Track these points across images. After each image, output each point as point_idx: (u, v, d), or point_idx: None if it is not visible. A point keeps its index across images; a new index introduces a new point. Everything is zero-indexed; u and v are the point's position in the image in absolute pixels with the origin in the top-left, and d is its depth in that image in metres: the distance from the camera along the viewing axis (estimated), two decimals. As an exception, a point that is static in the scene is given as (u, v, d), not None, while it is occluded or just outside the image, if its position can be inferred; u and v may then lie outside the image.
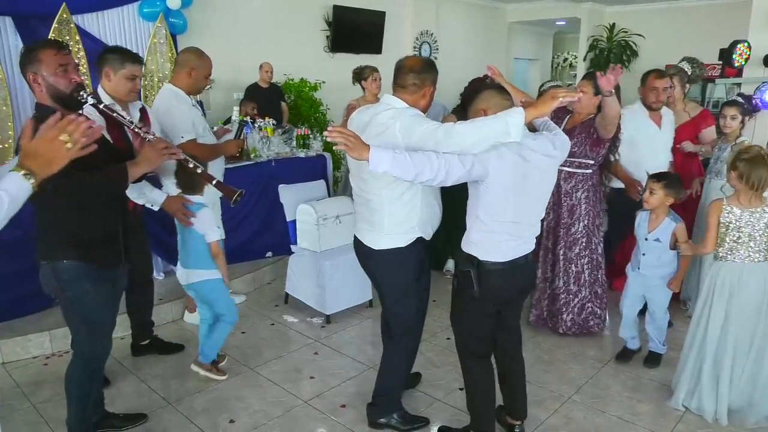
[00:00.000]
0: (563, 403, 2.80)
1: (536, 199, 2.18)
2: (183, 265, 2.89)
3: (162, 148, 2.25)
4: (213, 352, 2.98)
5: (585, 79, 3.39)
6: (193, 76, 3.15)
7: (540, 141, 2.12)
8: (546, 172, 2.16)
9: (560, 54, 13.36)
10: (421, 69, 2.22)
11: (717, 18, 8.19)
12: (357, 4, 7.87)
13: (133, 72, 2.72)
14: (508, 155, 2.02)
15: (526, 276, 2.29)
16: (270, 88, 6.56)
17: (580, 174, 3.34)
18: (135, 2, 5.73)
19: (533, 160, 2.07)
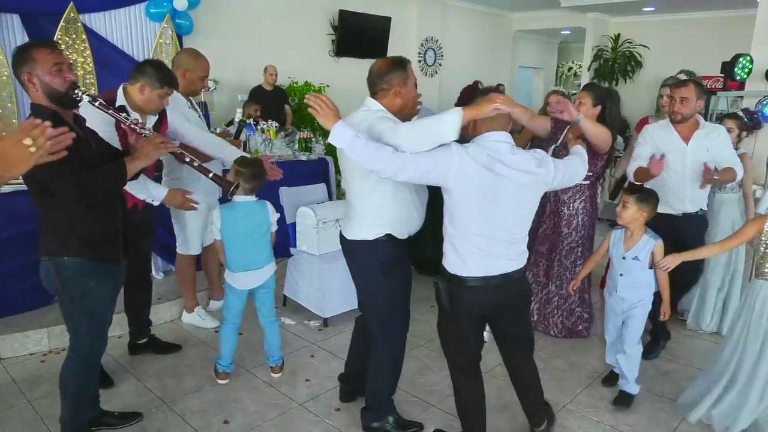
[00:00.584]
0: (558, 411, 2.80)
1: (510, 215, 2.08)
2: (254, 265, 2.87)
3: (159, 142, 2.26)
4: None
5: (584, 90, 3.44)
6: (188, 77, 3.18)
7: (520, 156, 2.06)
8: (523, 189, 2.06)
9: (565, 63, 13.40)
10: (385, 71, 2.25)
11: (721, 31, 8.21)
12: (363, 9, 7.92)
13: (167, 93, 2.75)
14: (472, 165, 1.97)
15: (505, 294, 2.18)
16: (274, 91, 6.59)
17: (577, 185, 3.35)
18: (142, 2, 5.79)
19: (505, 174, 2.00)
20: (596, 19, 9.90)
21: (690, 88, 3.19)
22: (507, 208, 2.05)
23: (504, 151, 2.03)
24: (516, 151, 2.06)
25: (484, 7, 10.04)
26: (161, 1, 5.72)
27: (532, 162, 2.07)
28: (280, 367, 3.07)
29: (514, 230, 2.11)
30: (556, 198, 3.44)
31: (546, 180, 2.12)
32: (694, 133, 3.25)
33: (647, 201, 2.72)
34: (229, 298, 2.93)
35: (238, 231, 2.81)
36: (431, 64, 9.24)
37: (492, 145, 2.03)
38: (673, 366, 3.32)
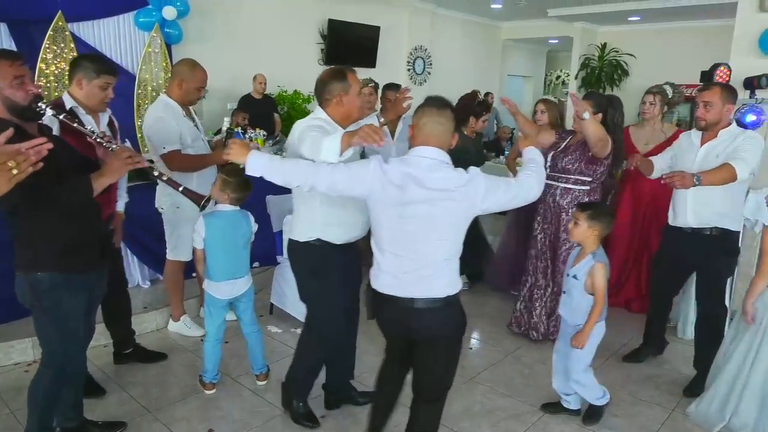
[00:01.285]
0: (540, 417, 2.82)
1: (422, 236, 1.93)
2: (237, 274, 2.88)
3: (126, 157, 2.16)
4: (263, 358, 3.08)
5: (585, 98, 3.44)
6: (184, 87, 3.20)
7: (442, 174, 1.92)
8: (438, 209, 1.91)
9: (553, 71, 13.53)
10: (326, 82, 2.34)
11: (705, 40, 8.33)
12: (352, 18, 7.98)
13: (107, 82, 2.68)
14: (385, 182, 1.92)
15: (410, 322, 2.01)
16: (263, 100, 6.62)
17: (576, 190, 3.40)
18: (131, 12, 5.79)
19: (418, 193, 1.89)
20: (583, 29, 10.02)
21: (714, 91, 2.84)
22: (418, 229, 1.92)
23: (424, 168, 1.92)
24: (440, 169, 1.92)
25: (473, 17, 10.14)
26: (150, 10, 5.74)
27: (455, 181, 1.91)
28: (265, 374, 3.07)
29: (426, 252, 1.95)
30: (556, 204, 3.45)
31: (470, 201, 1.92)
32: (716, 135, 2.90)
33: (598, 218, 2.56)
34: (211, 309, 2.91)
35: (222, 240, 2.81)
36: (420, 72, 9.31)
37: (415, 160, 1.94)
38: (657, 371, 3.35)
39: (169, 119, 3.14)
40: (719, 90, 2.86)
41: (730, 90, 2.90)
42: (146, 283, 4.12)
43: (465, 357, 3.47)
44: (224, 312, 2.94)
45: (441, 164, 1.94)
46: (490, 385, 3.13)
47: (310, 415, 2.70)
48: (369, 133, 1.93)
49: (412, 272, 1.96)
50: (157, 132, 3.14)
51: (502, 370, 3.31)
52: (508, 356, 3.49)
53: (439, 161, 1.94)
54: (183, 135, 3.19)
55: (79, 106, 2.69)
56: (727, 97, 2.84)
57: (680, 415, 2.88)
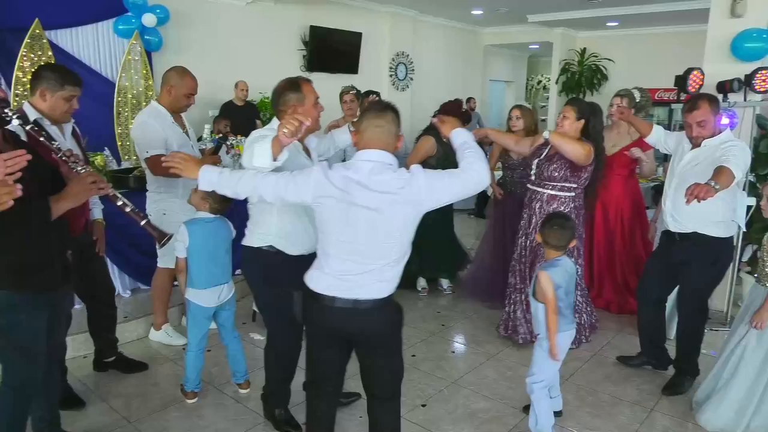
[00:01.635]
0: (522, 419, 2.85)
1: (365, 238, 1.92)
2: (222, 280, 2.88)
3: (90, 182, 2.06)
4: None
5: (568, 104, 3.49)
6: (173, 94, 3.23)
7: (385, 177, 1.90)
8: (383, 212, 1.89)
9: (534, 76, 13.69)
10: (279, 94, 2.36)
11: (680, 45, 8.46)
12: (334, 24, 8.01)
13: (71, 94, 2.62)
14: (328, 187, 1.92)
15: (355, 323, 1.99)
16: (245, 107, 6.62)
17: (562, 197, 3.46)
18: (110, 19, 5.77)
19: (360, 197, 1.89)
20: (563, 34, 10.15)
21: (705, 109, 2.79)
22: (363, 232, 1.91)
23: (366, 172, 1.90)
24: (381, 172, 1.91)
25: (455, 23, 10.22)
26: (129, 18, 5.72)
27: (397, 183, 1.89)
28: (247, 383, 3.06)
29: (373, 254, 1.94)
30: (543, 210, 3.49)
31: (414, 200, 1.91)
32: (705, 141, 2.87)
33: (546, 229, 2.59)
34: (195, 319, 2.88)
35: (205, 247, 2.80)
36: (402, 78, 9.36)
37: (357, 165, 1.93)
38: (635, 371, 3.39)
39: (154, 124, 3.17)
40: (707, 104, 2.81)
41: (715, 100, 2.89)
42: (127, 292, 4.08)
43: (447, 361, 3.50)
44: (209, 322, 2.92)
45: (383, 167, 1.92)
46: (472, 388, 3.15)
47: (292, 421, 2.70)
48: (287, 121, 1.96)
49: (355, 275, 1.95)
50: (142, 136, 3.18)
51: (484, 373, 3.34)
52: (491, 359, 3.52)
53: (381, 164, 1.92)
54: (169, 141, 3.21)
55: (44, 117, 2.62)
56: (715, 108, 2.85)
57: (659, 414, 2.93)
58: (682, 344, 3.13)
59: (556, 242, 2.56)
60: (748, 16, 4.01)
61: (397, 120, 2.00)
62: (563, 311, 2.55)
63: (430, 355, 3.54)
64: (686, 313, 3.10)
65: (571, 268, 2.62)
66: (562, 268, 2.56)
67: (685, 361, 3.13)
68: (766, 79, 3.80)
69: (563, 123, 3.41)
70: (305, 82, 2.37)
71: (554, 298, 2.48)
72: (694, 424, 2.83)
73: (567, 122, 3.39)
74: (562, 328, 2.54)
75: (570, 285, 2.59)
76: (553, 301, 2.49)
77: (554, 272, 2.52)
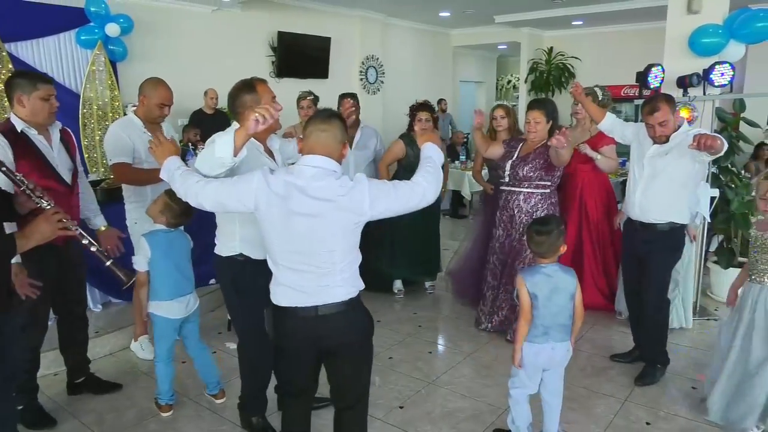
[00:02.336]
0: (499, 415, 2.87)
1: (308, 245, 1.90)
2: (187, 290, 2.87)
3: (57, 220, 1.96)
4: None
5: (536, 109, 3.55)
6: (146, 104, 3.25)
7: (325, 183, 1.88)
8: (324, 218, 1.88)
9: (504, 76, 13.85)
10: (234, 96, 2.37)
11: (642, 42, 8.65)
12: (302, 29, 7.99)
13: (47, 92, 2.62)
14: (269, 194, 1.89)
15: (317, 330, 1.96)
16: (215, 114, 6.56)
17: (539, 194, 3.56)
18: (72, 30, 5.66)
19: (300, 203, 1.87)
20: (530, 34, 10.29)
21: (664, 110, 2.88)
22: (306, 238, 1.90)
23: (308, 177, 1.88)
24: (323, 178, 1.89)
25: (423, 25, 10.29)
26: (92, 28, 5.62)
27: (338, 190, 1.88)
28: (222, 391, 3.04)
29: (317, 262, 1.92)
30: (519, 209, 3.58)
31: (356, 208, 1.89)
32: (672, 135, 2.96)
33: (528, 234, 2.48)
34: (162, 331, 2.84)
35: (169, 257, 2.78)
36: (373, 81, 9.38)
37: (299, 170, 1.91)
38: (609, 363, 3.45)
39: (121, 133, 3.18)
40: (666, 105, 2.90)
41: (671, 98, 2.98)
42: (98, 306, 4.01)
43: (425, 361, 3.51)
44: (176, 333, 2.89)
45: (325, 173, 1.90)
46: (449, 388, 3.17)
47: (269, 429, 2.69)
48: (260, 108, 1.96)
49: (308, 282, 1.93)
50: (109, 144, 3.22)
51: (461, 372, 3.36)
52: (467, 358, 3.54)
53: (323, 170, 1.90)
54: (137, 150, 3.21)
55: (30, 125, 2.62)
56: (673, 107, 2.94)
57: (632, 404, 2.99)
58: (651, 334, 3.20)
59: (539, 248, 2.40)
60: (704, 12, 4.13)
61: (342, 128, 1.97)
62: (536, 322, 2.39)
63: (407, 357, 3.55)
64: (652, 302, 3.14)
65: (561, 281, 2.38)
66: (544, 276, 2.38)
67: (655, 351, 3.20)
68: (723, 73, 3.91)
69: (537, 128, 3.47)
70: (260, 82, 2.37)
71: (527, 305, 2.37)
72: (665, 412, 2.90)
73: (540, 127, 3.48)
74: (531, 338, 2.41)
75: (554, 298, 2.37)
76: (524, 308, 2.38)
77: (530, 279, 2.38)
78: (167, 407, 2.91)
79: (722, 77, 3.90)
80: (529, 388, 2.52)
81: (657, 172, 3.00)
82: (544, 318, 2.38)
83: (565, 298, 2.39)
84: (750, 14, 4.01)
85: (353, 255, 1.99)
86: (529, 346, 2.42)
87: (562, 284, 2.39)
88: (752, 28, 4.00)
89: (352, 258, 1.99)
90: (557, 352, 2.43)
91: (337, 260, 1.93)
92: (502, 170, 3.66)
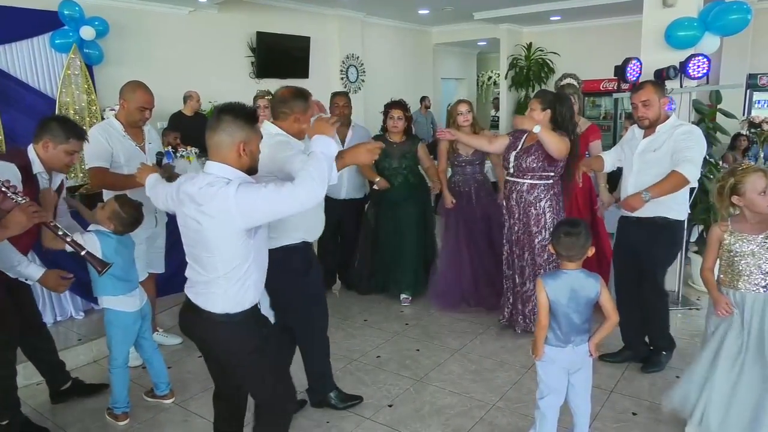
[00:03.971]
0: (488, 410, 2.89)
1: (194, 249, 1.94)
2: (135, 285, 2.89)
3: (33, 211, 2.19)
4: None
5: (534, 97, 3.61)
6: (126, 108, 3.22)
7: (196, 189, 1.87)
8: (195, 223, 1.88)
9: (484, 73, 13.91)
10: (288, 98, 2.51)
11: (619, 36, 8.76)
12: (281, 29, 7.95)
13: (74, 148, 2.65)
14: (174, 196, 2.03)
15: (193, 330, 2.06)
16: (195, 117, 6.49)
17: (542, 185, 3.54)
18: (46, 33, 5.57)
19: (185, 207, 1.91)
20: (509, 30, 10.35)
21: (648, 89, 2.98)
22: (193, 243, 1.94)
23: (198, 183, 1.88)
24: (198, 183, 1.87)
25: (403, 23, 10.29)
26: (66, 31, 5.53)
27: (206, 197, 1.84)
28: (172, 392, 3.06)
29: (202, 266, 1.94)
30: (523, 200, 3.56)
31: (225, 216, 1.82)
32: (656, 129, 3.01)
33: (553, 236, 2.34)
34: (124, 327, 2.82)
35: (120, 253, 2.75)
36: (354, 80, 9.36)
37: (198, 176, 1.94)
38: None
39: (99, 137, 3.14)
40: (652, 87, 2.99)
41: (660, 85, 3.02)
42: (80, 314, 3.94)
43: (413, 359, 3.51)
44: (136, 330, 2.88)
45: (206, 177, 1.88)
46: (438, 385, 3.18)
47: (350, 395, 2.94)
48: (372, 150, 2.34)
49: (197, 282, 1.98)
50: (87, 148, 3.12)
51: (449, 369, 3.37)
52: (455, 354, 3.55)
53: (213, 176, 1.87)
54: (116, 154, 3.18)
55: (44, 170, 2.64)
56: (659, 91, 3.00)
57: (618, 395, 3.02)
58: (653, 324, 3.21)
59: (565, 252, 2.27)
60: (679, 5, 4.18)
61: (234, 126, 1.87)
62: (551, 325, 2.30)
63: (394, 355, 3.55)
64: (651, 294, 3.14)
65: (583, 288, 2.27)
66: (564, 282, 2.27)
67: (659, 338, 3.23)
68: (699, 65, 3.97)
69: (531, 115, 3.47)
70: (310, 95, 2.60)
71: (544, 309, 2.28)
72: (650, 402, 2.93)
73: (534, 113, 3.46)
74: (550, 342, 2.32)
75: (572, 305, 2.27)
76: (541, 312, 2.29)
77: (551, 284, 2.27)
78: (124, 416, 2.86)
79: (698, 69, 3.96)
80: (557, 393, 2.37)
81: (646, 167, 3.01)
82: (562, 324, 2.28)
83: (585, 306, 2.29)
84: (724, 6, 4.08)
85: (232, 267, 1.92)
86: (548, 349, 2.33)
87: (583, 291, 2.27)
88: (726, 20, 4.06)
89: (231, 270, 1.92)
90: (578, 352, 2.33)
91: (218, 267, 1.91)
92: (506, 161, 3.65)
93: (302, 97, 2.53)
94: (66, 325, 3.83)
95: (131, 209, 2.74)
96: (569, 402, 2.42)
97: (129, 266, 2.85)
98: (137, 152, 3.28)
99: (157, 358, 3.01)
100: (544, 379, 2.36)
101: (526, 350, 3.51)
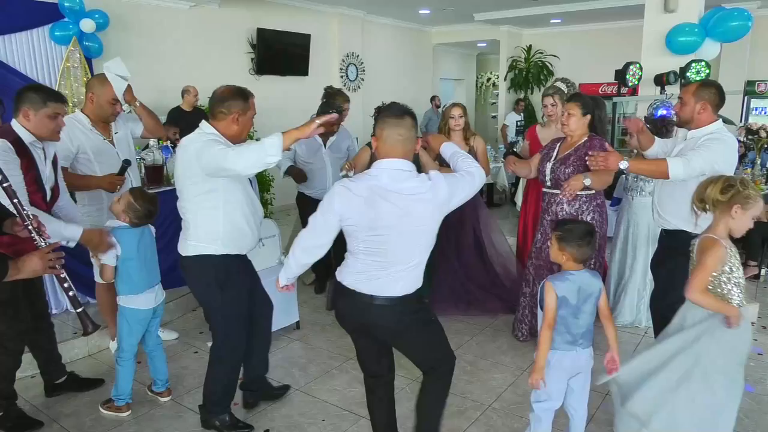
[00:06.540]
0: (483, 411, 2.89)
1: (396, 241, 2.03)
2: (156, 280, 2.89)
3: (49, 260, 2.07)
4: None
5: (571, 101, 3.33)
6: (95, 101, 3.15)
7: (410, 183, 2.01)
8: (411, 215, 2.00)
9: (484, 74, 13.92)
10: (223, 98, 2.42)
11: (620, 40, 8.80)
12: (282, 27, 7.93)
13: (55, 110, 2.59)
14: (354, 199, 2.01)
15: (379, 316, 2.11)
16: (194, 112, 6.46)
17: (584, 195, 3.31)
18: (46, 25, 5.53)
19: (387, 203, 1.98)
20: (509, 32, 10.37)
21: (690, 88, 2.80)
22: (393, 236, 2.02)
23: (389, 179, 2.00)
24: (407, 179, 2.02)
25: (403, 22, 10.29)
26: (66, 23, 5.50)
27: (419, 188, 2.01)
28: (169, 390, 3.05)
29: (402, 257, 2.06)
30: (564, 212, 3.35)
31: (437, 202, 2.03)
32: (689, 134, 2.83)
33: (567, 240, 2.27)
34: (132, 325, 2.81)
35: (138, 250, 2.75)
36: (353, 79, 9.35)
37: (379, 173, 2.02)
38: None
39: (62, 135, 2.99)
40: (695, 87, 2.78)
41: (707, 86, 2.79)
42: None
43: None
44: (145, 326, 2.88)
45: (405, 173, 2.02)
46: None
47: (239, 422, 2.73)
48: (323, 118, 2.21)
49: (387, 273, 2.06)
50: None
51: (445, 369, 3.36)
52: (451, 354, 3.55)
53: (403, 170, 2.02)
54: (82, 148, 3.13)
55: (36, 140, 2.60)
56: (700, 94, 2.74)
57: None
58: None
59: (579, 255, 2.25)
60: (680, 11, 4.21)
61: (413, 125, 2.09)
62: (560, 329, 2.27)
63: (391, 354, 3.55)
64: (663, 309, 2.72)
65: (589, 286, 2.28)
66: (572, 283, 2.26)
67: None
68: (699, 70, 3.99)
69: (569, 121, 3.27)
70: (252, 97, 2.50)
71: (551, 312, 2.25)
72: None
73: (573, 119, 3.26)
74: (556, 346, 2.28)
75: (582, 306, 2.27)
76: (549, 314, 2.25)
77: (560, 286, 2.26)
78: (126, 407, 2.87)
79: (699, 75, 3.98)
80: (554, 398, 2.35)
81: None
82: (572, 326, 2.26)
83: (592, 305, 2.29)
84: (724, 13, 4.10)
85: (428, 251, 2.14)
86: (552, 353, 2.28)
87: (590, 290, 2.28)
88: (726, 27, 4.09)
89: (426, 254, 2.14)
90: (581, 356, 2.32)
91: (417, 253, 2.09)
92: (542, 174, 3.44)
93: (242, 97, 2.43)
94: (62, 318, 3.81)
95: (146, 202, 2.73)
96: (566, 406, 2.42)
97: (151, 259, 2.84)
98: (106, 146, 3.24)
99: (159, 355, 2.99)
100: (547, 384, 2.30)
101: (522, 352, 3.53)
